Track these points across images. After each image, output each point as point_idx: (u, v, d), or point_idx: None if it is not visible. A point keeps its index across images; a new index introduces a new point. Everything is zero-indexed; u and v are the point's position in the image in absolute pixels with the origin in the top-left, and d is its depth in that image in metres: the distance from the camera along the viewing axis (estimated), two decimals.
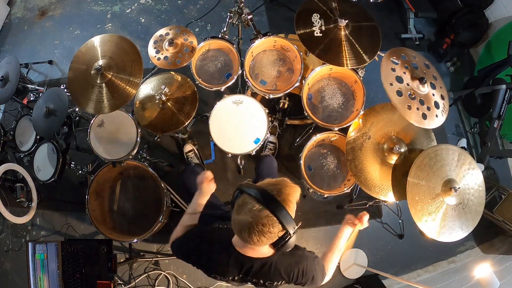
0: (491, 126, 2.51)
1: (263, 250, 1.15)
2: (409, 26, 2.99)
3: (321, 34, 1.81)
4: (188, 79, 2.14)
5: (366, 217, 1.42)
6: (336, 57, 1.77)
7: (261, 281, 1.21)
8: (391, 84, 1.62)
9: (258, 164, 1.99)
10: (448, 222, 1.60)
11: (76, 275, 1.84)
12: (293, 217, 1.04)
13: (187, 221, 1.41)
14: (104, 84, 1.78)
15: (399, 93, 1.62)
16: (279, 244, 1.05)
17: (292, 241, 1.07)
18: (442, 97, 1.71)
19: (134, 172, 2.22)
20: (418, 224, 1.57)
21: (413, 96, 1.64)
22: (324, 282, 1.33)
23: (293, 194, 1.06)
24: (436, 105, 1.67)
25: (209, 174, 1.48)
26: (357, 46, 1.80)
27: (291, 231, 1.03)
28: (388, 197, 1.78)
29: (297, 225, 1.05)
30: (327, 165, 2.13)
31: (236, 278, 1.23)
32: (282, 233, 1.03)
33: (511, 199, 2.42)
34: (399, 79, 1.64)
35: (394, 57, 1.68)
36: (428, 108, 1.65)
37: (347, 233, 1.43)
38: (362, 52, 1.79)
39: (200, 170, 2.07)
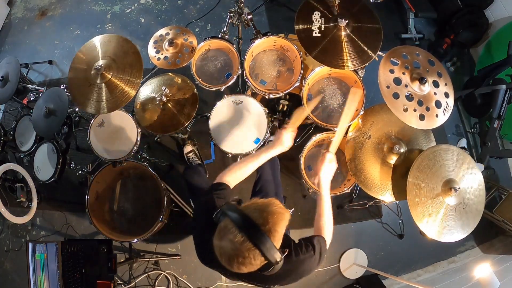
0: (491, 126, 2.51)
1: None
2: (409, 26, 2.99)
3: (319, 34, 1.80)
4: (189, 81, 2.14)
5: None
6: (335, 58, 1.76)
7: (255, 283, 1.20)
8: (388, 87, 1.62)
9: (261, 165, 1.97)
10: (449, 222, 1.60)
11: (76, 275, 1.84)
12: (279, 246, 0.99)
13: (240, 170, 1.32)
14: (103, 84, 1.78)
15: (396, 96, 1.62)
16: (262, 272, 1.01)
17: (278, 267, 1.01)
18: (447, 95, 1.70)
19: (134, 172, 2.22)
20: (418, 225, 1.57)
21: (412, 97, 1.64)
22: (328, 244, 1.27)
23: (280, 223, 0.99)
24: (437, 104, 1.67)
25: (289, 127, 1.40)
26: (359, 44, 1.79)
27: (275, 262, 0.98)
28: (388, 197, 1.79)
29: (282, 254, 0.99)
30: None
31: (228, 274, 1.20)
32: (264, 263, 0.98)
33: (511, 199, 2.43)
34: (397, 81, 1.64)
35: (394, 57, 1.68)
36: (427, 109, 1.65)
37: (326, 184, 1.36)
38: (365, 50, 1.77)
39: (201, 170, 2.07)
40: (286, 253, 1.01)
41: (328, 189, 1.37)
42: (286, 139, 1.40)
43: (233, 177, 1.33)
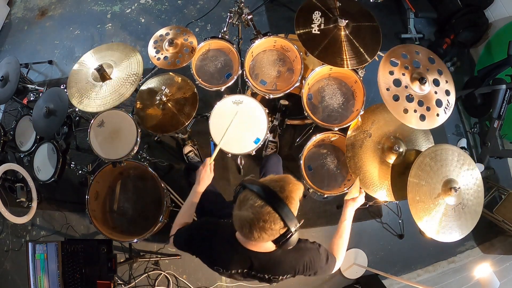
0: (491, 126, 2.51)
1: (266, 245, 1.14)
2: (409, 26, 2.99)
3: (318, 32, 1.81)
4: (189, 81, 2.13)
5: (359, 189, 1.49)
6: (335, 58, 1.77)
7: (266, 275, 1.21)
8: (388, 89, 1.62)
9: (263, 164, 1.99)
10: (448, 222, 1.60)
11: (76, 275, 1.84)
12: (296, 215, 1.04)
13: (185, 213, 1.43)
14: (103, 84, 1.78)
15: (396, 98, 1.62)
16: (280, 241, 1.05)
17: (294, 238, 1.06)
18: (448, 93, 1.70)
19: (134, 172, 2.22)
20: (418, 224, 1.57)
21: (411, 97, 1.64)
22: (337, 267, 1.33)
23: (296, 191, 1.05)
24: (438, 103, 1.67)
25: (207, 161, 1.52)
26: (358, 45, 1.80)
27: (293, 229, 1.02)
28: (386, 196, 1.79)
29: (299, 223, 1.04)
30: (327, 165, 2.13)
31: (239, 271, 1.22)
32: (283, 230, 1.03)
33: (511, 199, 2.42)
34: (397, 83, 1.64)
35: (394, 58, 1.68)
36: (428, 109, 1.65)
37: (351, 213, 1.46)
38: (363, 52, 1.79)
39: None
40: (302, 222, 1.06)
41: (351, 216, 1.47)
42: (203, 176, 1.51)
43: (183, 219, 1.43)
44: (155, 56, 2.03)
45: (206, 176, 1.51)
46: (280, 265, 1.18)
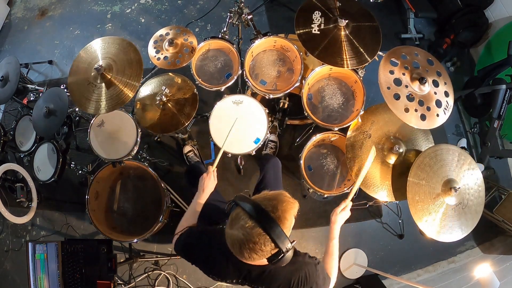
0: (491, 126, 2.51)
1: (260, 260, 1.12)
2: (409, 26, 2.99)
3: (318, 32, 1.81)
4: (189, 81, 2.14)
5: (345, 205, 1.46)
6: (335, 58, 1.77)
7: (260, 287, 1.21)
8: (389, 88, 1.62)
9: (263, 164, 1.99)
10: (448, 222, 1.60)
11: (76, 275, 1.84)
12: (289, 235, 1.01)
13: (187, 220, 1.42)
14: (103, 84, 1.78)
15: (397, 97, 1.62)
16: (272, 261, 1.02)
17: (288, 256, 1.02)
18: (446, 94, 1.70)
19: (134, 172, 2.22)
20: (418, 224, 1.57)
21: (412, 97, 1.64)
22: (330, 287, 1.31)
23: (290, 211, 1.02)
24: (438, 103, 1.67)
25: (210, 169, 1.50)
26: (358, 45, 1.80)
27: (285, 249, 0.99)
28: (386, 196, 1.79)
29: (291, 242, 1.01)
30: (327, 165, 2.13)
31: (234, 281, 1.23)
32: (275, 251, 1.00)
33: (511, 199, 2.42)
34: (397, 82, 1.65)
35: (394, 58, 1.69)
36: (428, 108, 1.65)
37: (337, 231, 1.42)
38: (363, 52, 1.79)
39: (202, 167, 2.08)
40: (295, 242, 1.03)
41: (338, 233, 1.44)
42: (207, 184, 1.49)
43: (187, 223, 1.41)
44: (155, 56, 2.03)
45: (210, 183, 1.49)
46: (274, 278, 1.16)
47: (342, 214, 1.45)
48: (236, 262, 1.14)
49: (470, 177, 1.67)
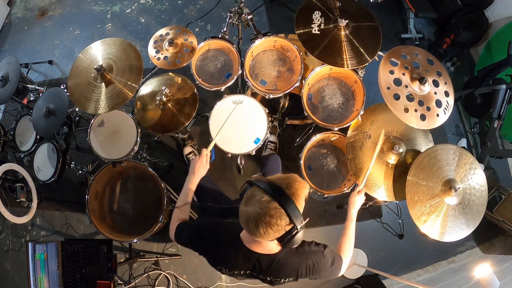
0: (491, 126, 2.51)
1: (270, 246, 1.14)
2: (409, 26, 2.99)
3: (318, 32, 1.81)
4: (189, 81, 2.13)
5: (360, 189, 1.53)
6: (335, 58, 1.77)
7: (268, 278, 1.21)
8: (389, 88, 1.62)
9: (264, 164, 1.99)
10: (448, 222, 1.60)
11: (76, 275, 1.84)
12: (301, 213, 1.04)
13: (181, 206, 1.42)
14: (103, 84, 1.78)
15: (396, 97, 1.62)
16: (285, 239, 1.05)
17: (299, 236, 1.06)
18: (447, 94, 1.70)
19: (134, 172, 2.22)
20: (416, 224, 1.57)
21: (412, 97, 1.64)
22: (344, 269, 1.34)
23: (302, 189, 1.06)
24: (438, 103, 1.67)
25: (203, 152, 1.50)
26: (358, 45, 1.80)
27: (299, 226, 1.03)
28: (387, 196, 1.79)
29: (304, 221, 1.05)
30: (327, 165, 2.13)
31: (242, 272, 1.23)
32: (289, 227, 1.03)
33: (511, 199, 2.43)
34: (397, 82, 1.65)
35: (394, 58, 1.68)
36: (428, 108, 1.65)
37: (354, 213, 1.48)
38: (363, 52, 1.79)
39: None
40: (308, 220, 1.06)
41: (355, 216, 1.50)
42: (198, 167, 1.48)
43: (181, 215, 1.42)
44: (155, 56, 2.03)
45: (201, 167, 1.48)
46: (283, 268, 1.18)
47: (359, 196, 1.52)
48: (245, 252, 1.16)
49: (472, 176, 1.66)
